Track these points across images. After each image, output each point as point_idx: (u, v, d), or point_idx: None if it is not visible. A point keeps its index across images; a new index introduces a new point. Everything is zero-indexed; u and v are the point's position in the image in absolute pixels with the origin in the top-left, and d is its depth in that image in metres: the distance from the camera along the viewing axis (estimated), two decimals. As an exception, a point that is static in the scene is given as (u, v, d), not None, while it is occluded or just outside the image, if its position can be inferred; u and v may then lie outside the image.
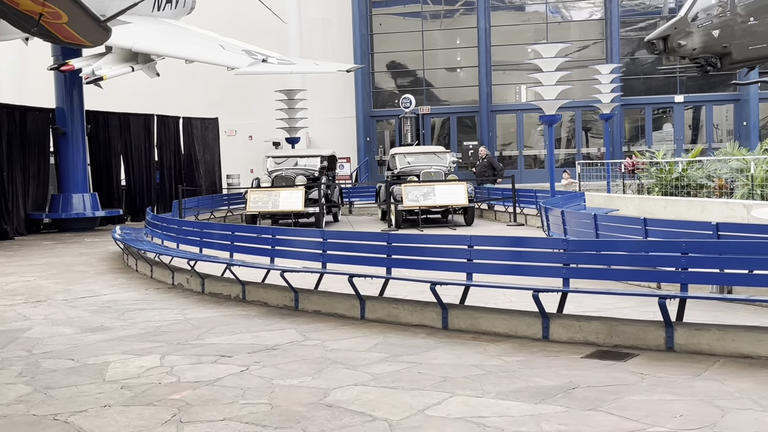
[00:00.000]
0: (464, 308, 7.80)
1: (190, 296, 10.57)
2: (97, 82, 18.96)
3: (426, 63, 32.51)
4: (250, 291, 9.85)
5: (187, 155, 27.80)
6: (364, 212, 25.48)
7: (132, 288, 11.51)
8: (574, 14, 32.71)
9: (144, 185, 25.69)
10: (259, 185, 20.79)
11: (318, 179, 21.20)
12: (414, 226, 19.99)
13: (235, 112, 32.61)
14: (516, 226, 19.40)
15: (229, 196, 23.83)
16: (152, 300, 10.38)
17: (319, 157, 21.75)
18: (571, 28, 32.17)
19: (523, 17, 32.90)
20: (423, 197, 19.21)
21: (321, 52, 31.04)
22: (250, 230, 10.99)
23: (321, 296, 8.96)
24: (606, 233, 10.26)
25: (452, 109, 32.24)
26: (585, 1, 32.24)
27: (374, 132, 32.92)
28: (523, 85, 33.01)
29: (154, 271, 12.31)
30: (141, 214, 25.46)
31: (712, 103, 30.64)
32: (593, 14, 31.76)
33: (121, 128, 25.08)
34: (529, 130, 32.22)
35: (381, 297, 8.59)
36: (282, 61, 22.72)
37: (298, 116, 25.35)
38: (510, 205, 20.58)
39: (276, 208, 19.33)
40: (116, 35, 20.39)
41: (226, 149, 30.30)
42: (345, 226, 20.85)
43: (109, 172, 24.55)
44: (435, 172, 20.37)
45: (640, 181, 23.23)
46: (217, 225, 11.69)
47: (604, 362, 6.36)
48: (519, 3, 32.64)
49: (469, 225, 19.83)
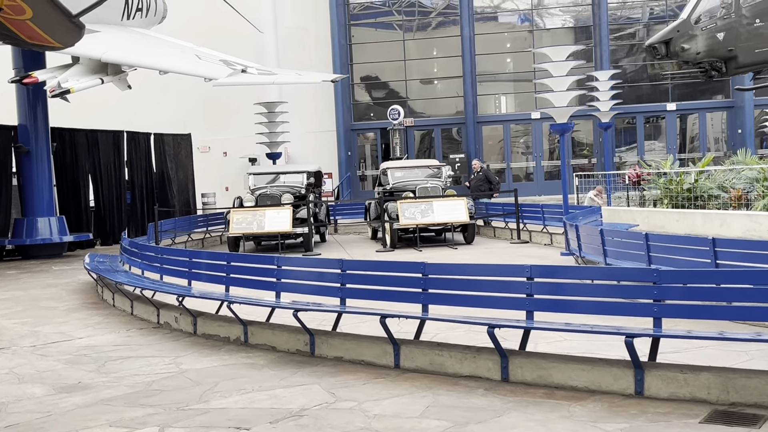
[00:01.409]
0: (528, 356, 6.39)
1: (180, 338, 9.05)
2: (64, 96, 17.35)
3: (408, 74, 31.21)
4: (254, 332, 8.37)
5: (159, 173, 26.18)
6: (350, 231, 24.04)
7: (111, 328, 9.96)
8: (560, 21, 31.61)
9: (114, 206, 24.02)
10: (241, 204, 19.27)
11: (305, 197, 19.74)
12: (410, 245, 18.61)
13: (209, 128, 31.04)
14: (521, 244, 18.07)
15: (207, 216, 22.24)
16: (136, 345, 8.84)
17: (305, 173, 20.29)
18: (558, 35, 31.06)
19: (506, 26, 31.74)
20: (420, 214, 17.84)
21: (298, 63, 29.61)
22: (250, 260, 9.50)
23: (343, 339, 7.50)
24: (659, 255, 8.93)
25: (436, 121, 30.94)
26: (572, 8, 31.16)
27: (355, 146, 31.52)
28: (506, 95, 31.86)
29: (135, 307, 10.76)
30: (112, 237, 23.82)
31: (705, 110, 29.67)
32: (580, 21, 30.66)
33: (89, 146, 23.42)
34: (515, 141, 31.02)
35: (418, 341, 7.17)
36: (262, 71, 21.25)
37: (278, 130, 23.87)
38: (511, 221, 19.26)
39: (262, 230, 17.82)
40: (84, 45, 18.80)
41: (199, 166, 28.71)
42: (334, 247, 19.40)
43: (76, 194, 22.87)
44: (432, 187, 19.01)
45: (642, 193, 22.12)
46: (208, 253, 10.18)
47: (731, 429, 4.99)
48: (503, 10, 31.46)
49: (469, 243, 18.48)
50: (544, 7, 31.14)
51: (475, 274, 7.04)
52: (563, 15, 31.39)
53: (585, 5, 30.63)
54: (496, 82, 31.79)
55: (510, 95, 31.91)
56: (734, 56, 20.26)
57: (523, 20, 31.28)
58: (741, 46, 20.28)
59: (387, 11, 31.77)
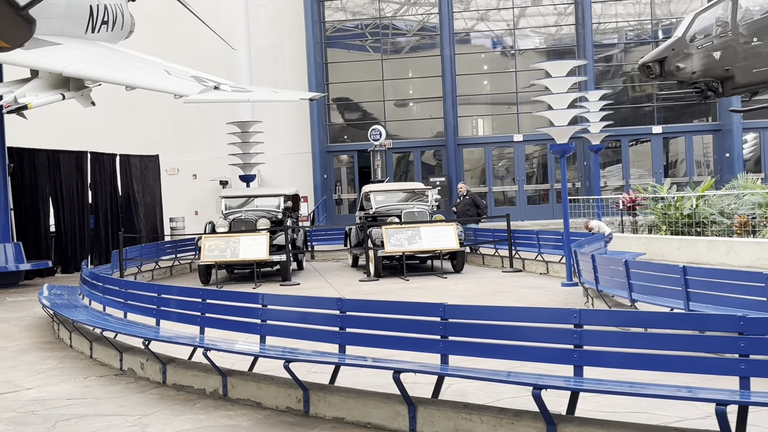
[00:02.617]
0: (583, 423, 5.17)
1: (146, 389, 7.72)
2: (21, 112, 16.02)
3: (386, 95, 30.11)
4: (235, 385, 7.07)
5: (125, 197, 24.72)
6: (327, 258, 22.75)
7: (66, 376, 8.59)
8: (543, 42, 30.77)
9: (77, 231, 22.51)
10: (213, 230, 17.93)
11: (282, 222, 18.45)
12: (395, 274, 17.40)
13: (178, 149, 29.68)
14: (514, 273, 16.92)
15: (176, 242, 20.83)
16: (95, 398, 7.50)
17: (282, 197, 19.00)
18: (541, 56, 30.21)
19: (487, 47, 30.81)
20: (407, 241, 16.62)
21: (272, 82, 28.43)
22: (229, 296, 8.19)
23: (344, 396, 6.24)
24: (700, 292, 7.80)
25: (415, 143, 29.83)
26: (555, 28, 30.33)
27: (331, 169, 30.31)
28: (486, 117, 30.90)
29: (94, 350, 9.40)
30: (74, 264, 22.30)
31: (691, 133, 28.89)
32: (563, 41, 29.83)
33: (50, 167, 21.94)
34: (496, 164, 30.02)
35: (438, 399, 5.93)
36: (236, 88, 20.02)
37: (252, 151, 22.59)
38: (502, 248, 18.13)
39: (236, 257, 16.49)
40: (44, 57, 17.45)
41: (167, 189, 27.30)
42: (313, 276, 18.12)
43: (36, 218, 21.35)
44: (419, 212, 17.82)
45: (633, 218, 21.14)
46: (179, 289, 8.84)
47: None
48: (484, 30, 30.54)
49: (458, 272, 17.30)
50: (526, 27, 30.27)
51: (510, 318, 5.82)
52: (545, 35, 30.56)
53: (569, 25, 29.82)
54: (476, 105, 30.81)
55: (491, 117, 30.93)
56: (731, 76, 19.40)
57: (501, 42, 30.36)
58: (738, 66, 19.43)
59: (361, 33, 30.73)
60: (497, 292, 13.76)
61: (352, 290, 15.19)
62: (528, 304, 12.15)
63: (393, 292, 14.64)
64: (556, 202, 28.69)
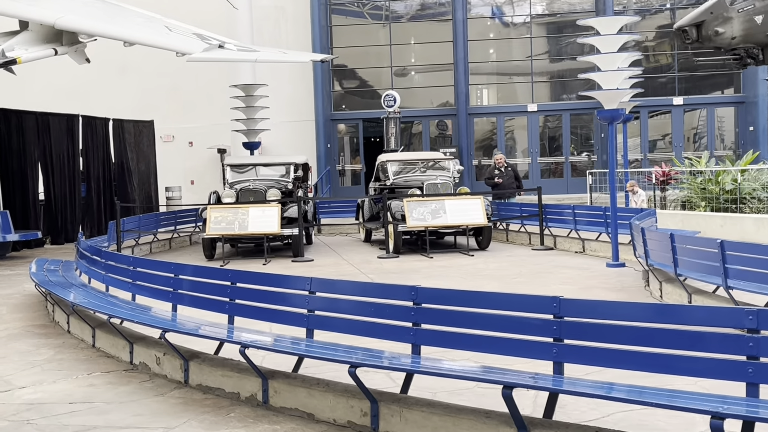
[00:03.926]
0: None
1: (165, 392, 6.40)
2: (9, 67, 14.49)
3: (393, 60, 28.61)
4: (279, 390, 5.75)
5: (118, 164, 23.23)
6: (335, 231, 21.37)
7: (66, 370, 7.25)
8: (560, 6, 29.28)
9: (67, 200, 21.04)
10: (219, 200, 16.54)
11: (292, 193, 17.07)
12: (414, 251, 16.08)
13: (173, 115, 28.12)
14: (544, 251, 15.63)
15: (176, 213, 19.38)
16: (103, 402, 6.17)
17: (292, 165, 17.60)
18: (557, 22, 28.78)
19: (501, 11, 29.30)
20: (431, 215, 15.29)
21: (274, 45, 26.82)
22: (266, 280, 6.81)
23: (427, 411, 4.91)
24: None
25: (424, 112, 28.37)
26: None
27: (335, 138, 28.84)
28: (496, 86, 29.47)
29: (98, 337, 8.06)
30: (64, 235, 20.86)
31: (714, 105, 27.56)
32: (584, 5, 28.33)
33: (39, 131, 20.41)
34: (509, 134, 28.66)
35: (549, 420, 4.63)
36: (242, 47, 18.55)
37: (257, 116, 21.11)
38: (531, 224, 16.82)
39: (245, 231, 15.12)
40: (35, 7, 15.86)
41: (162, 157, 25.81)
42: (325, 252, 16.79)
43: (24, 185, 19.85)
44: (442, 183, 16.45)
45: (663, 193, 19.90)
46: (201, 269, 7.48)
47: None
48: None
49: (483, 249, 15.99)
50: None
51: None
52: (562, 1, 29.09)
53: (586, -10, 28.34)
54: (487, 74, 29.36)
55: (504, 86, 29.50)
56: (774, 42, 18.14)
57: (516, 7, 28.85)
58: (782, 31, 18.17)
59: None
60: (537, 273, 12.47)
61: (373, 268, 13.89)
62: (579, 288, 10.89)
63: (419, 270, 13.33)
64: (570, 175, 27.40)
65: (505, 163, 18.81)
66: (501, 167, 18.62)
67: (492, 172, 18.79)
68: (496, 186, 18.31)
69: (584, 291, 10.55)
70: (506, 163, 18.99)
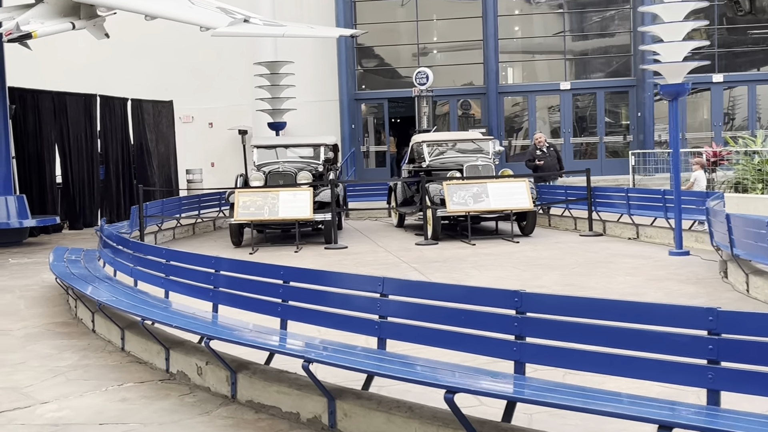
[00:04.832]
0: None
1: (211, 409, 5.50)
2: (24, 42, 13.64)
3: (420, 38, 27.53)
4: (349, 412, 4.84)
5: (137, 146, 22.36)
6: (362, 215, 20.42)
7: (93, 380, 6.36)
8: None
9: (85, 183, 20.18)
10: (246, 184, 15.63)
11: (322, 175, 16.15)
12: (453, 237, 15.14)
13: (192, 95, 27.12)
14: (594, 237, 14.65)
15: (200, 197, 18.47)
16: (140, 423, 5.27)
17: (322, 146, 16.65)
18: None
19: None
20: (473, 200, 14.34)
21: (296, 20, 25.81)
22: (322, 278, 5.84)
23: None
24: None
25: (452, 91, 27.27)
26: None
27: (359, 118, 27.83)
28: (526, 63, 28.35)
29: (128, 340, 7.18)
30: (82, 219, 20.04)
31: (755, 82, 26.36)
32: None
33: (56, 111, 19.53)
34: (541, 114, 27.57)
35: None
36: (268, 22, 17.60)
37: (282, 95, 20.12)
38: (578, 209, 15.83)
39: (275, 216, 14.21)
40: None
41: (181, 139, 24.92)
42: (357, 238, 15.88)
43: (40, 168, 18.98)
44: (483, 165, 15.46)
45: (710, 175, 18.88)
46: (247, 265, 6.57)
47: None
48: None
49: (526, 235, 15.04)
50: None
51: None
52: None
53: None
54: (515, 53, 28.21)
55: (535, 63, 28.39)
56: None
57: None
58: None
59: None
60: (595, 263, 11.50)
61: (413, 256, 12.96)
62: (647, 279, 9.94)
63: (464, 259, 12.39)
64: (605, 157, 26.33)
65: (546, 143, 17.76)
66: (542, 147, 17.57)
67: (533, 153, 17.73)
68: (537, 168, 17.28)
69: (654, 283, 9.61)
70: (548, 143, 17.93)
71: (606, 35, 27.64)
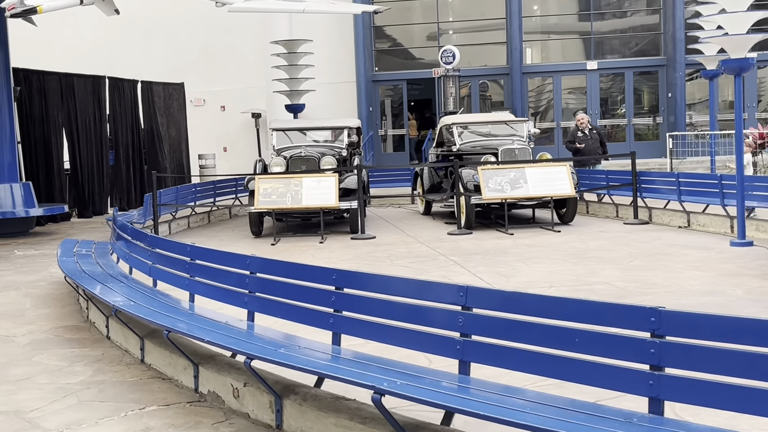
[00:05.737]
0: None
1: (253, 443, 4.58)
2: (29, 17, 12.68)
3: (440, 16, 26.46)
4: (429, 456, 3.91)
5: (147, 130, 21.43)
6: (384, 202, 19.42)
7: (110, 402, 5.43)
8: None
9: (94, 169, 19.27)
10: (266, 170, 14.68)
11: (346, 161, 15.19)
12: (487, 226, 14.18)
13: (204, 77, 26.17)
14: (640, 225, 13.67)
15: (215, 184, 17.51)
16: (169, 464, 4.35)
17: (346, 130, 15.68)
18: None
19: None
20: (510, 186, 13.36)
21: (311, -1, 24.74)
22: (384, 285, 4.88)
23: None
24: None
25: (474, 71, 26.18)
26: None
27: (377, 101, 26.80)
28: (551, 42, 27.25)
29: (148, 351, 6.25)
30: (91, 207, 19.14)
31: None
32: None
33: (63, 93, 18.57)
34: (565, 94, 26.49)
35: None
36: (286, -3, 16.60)
37: (301, 76, 19.13)
38: (621, 194, 14.83)
39: (298, 204, 13.26)
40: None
41: (192, 123, 23.99)
42: (384, 227, 14.94)
43: (47, 154, 18.03)
44: (519, 149, 14.46)
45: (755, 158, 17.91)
46: (285, 266, 5.59)
47: None
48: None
49: (566, 223, 14.06)
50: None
51: None
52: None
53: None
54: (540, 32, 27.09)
55: (560, 42, 27.29)
56: None
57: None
58: None
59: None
60: (653, 255, 10.52)
61: (448, 247, 12.00)
62: (719, 275, 8.96)
63: (505, 251, 11.41)
64: (633, 139, 25.28)
65: (589, 125, 16.71)
66: (585, 129, 16.53)
67: (574, 134, 16.68)
68: (578, 151, 16.27)
69: (728, 279, 8.64)
70: (590, 124, 16.88)
71: (634, 13, 26.54)
